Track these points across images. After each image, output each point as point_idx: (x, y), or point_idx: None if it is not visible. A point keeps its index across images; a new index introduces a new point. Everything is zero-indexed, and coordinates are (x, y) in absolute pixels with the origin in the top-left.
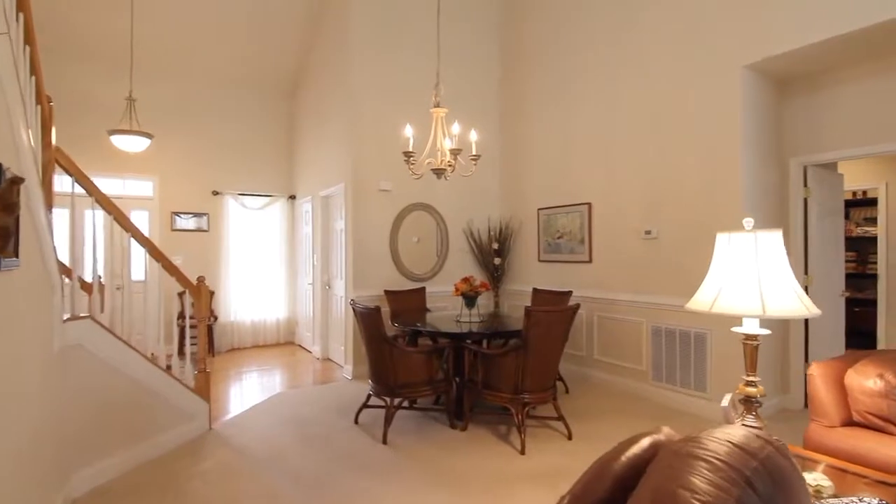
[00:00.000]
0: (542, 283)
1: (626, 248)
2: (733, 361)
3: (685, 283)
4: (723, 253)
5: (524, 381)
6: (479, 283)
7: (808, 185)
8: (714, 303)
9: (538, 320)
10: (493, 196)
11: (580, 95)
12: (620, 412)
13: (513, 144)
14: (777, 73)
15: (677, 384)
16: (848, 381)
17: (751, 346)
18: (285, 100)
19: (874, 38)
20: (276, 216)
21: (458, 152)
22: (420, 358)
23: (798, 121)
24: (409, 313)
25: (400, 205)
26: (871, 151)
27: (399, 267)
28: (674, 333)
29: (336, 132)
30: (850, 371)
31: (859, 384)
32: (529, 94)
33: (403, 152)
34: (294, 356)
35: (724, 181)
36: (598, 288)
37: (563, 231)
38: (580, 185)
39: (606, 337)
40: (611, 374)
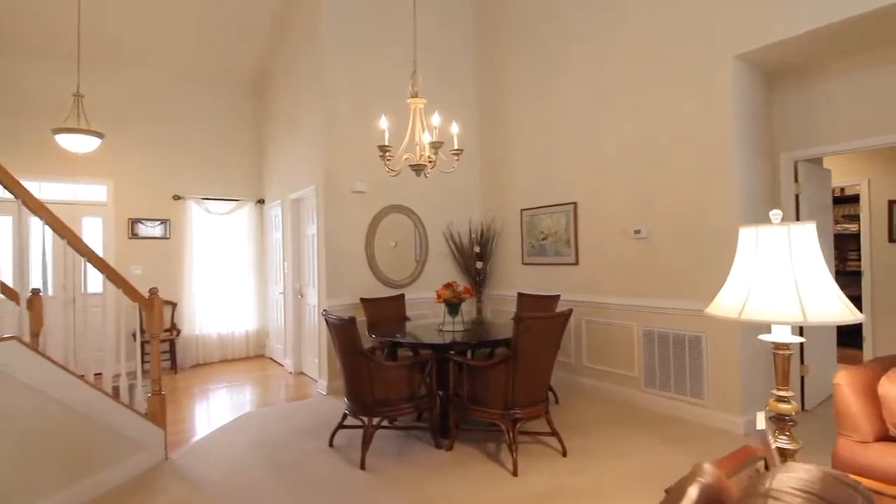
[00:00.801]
0: (527, 287)
1: (615, 248)
2: (731, 366)
3: (678, 285)
4: (748, 250)
5: (515, 395)
6: (462, 288)
7: (798, 181)
8: (743, 308)
9: (529, 328)
10: (473, 197)
11: (564, 90)
12: (615, 423)
13: (493, 142)
14: (767, 64)
15: (672, 390)
16: (882, 391)
17: (782, 357)
18: (253, 97)
19: (868, 26)
20: (244, 221)
21: (440, 146)
22: (400, 372)
23: (788, 114)
24: (387, 323)
25: (375, 207)
26: (863, 145)
27: (376, 273)
28: (667, 337)
29: (307, 131)
30: (883, 379)
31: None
32: (510, 89)
33: (379, 146)
34: (265, 371)
35: (717, 176)
36: (586, 291)
37: (547, 232)
38: (565, 183)
39: (596, 342)
40: (601, 382)
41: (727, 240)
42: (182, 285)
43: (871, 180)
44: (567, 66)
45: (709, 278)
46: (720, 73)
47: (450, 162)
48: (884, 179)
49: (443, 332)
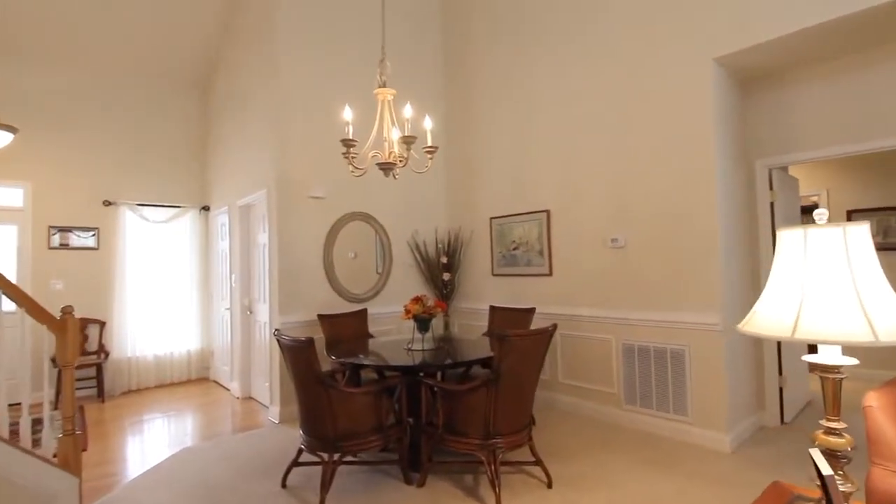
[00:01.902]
0: (498, 300)
1: (591, 258)
2: (716, 380)
3: (657, 295)
4: (794, 256)
5: (497, 422)
6: (433, 303)
7: (773, 189)
8: (796, 327)
9: (514, 347)
10: (440, 204)
11: (536, 93)
12: (597, 445)
13: (461, 147)
14: (741, 70)
15: (654, 407)
16: None
17: (832, 382)
18: (198, 93)
19: (839, 32)
20: (186, 230)
21: (412, 141)
22: (366, 400)
23: (761, 121)
24: (348, 341)
25: (335, 214)
26: (836, 152)
27: (335, 286)
28: (647, 351)
29: (258, 130)
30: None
31: None
32: (478, 91)
33: (343, 141)
34: (208, 396)
35: (697, 183)
36: (561, 303)
37: (519, 241)
38: (537, 190)
39: (572, 357)
40: (579, 399)
41: (708, 248)
42: (112, 302)
43: (830, 190)
44: (539, 68)
45: (690, 288)
46: (700, 75)
47: (422, 161)
48: (842, 189)
49: (412, 352)
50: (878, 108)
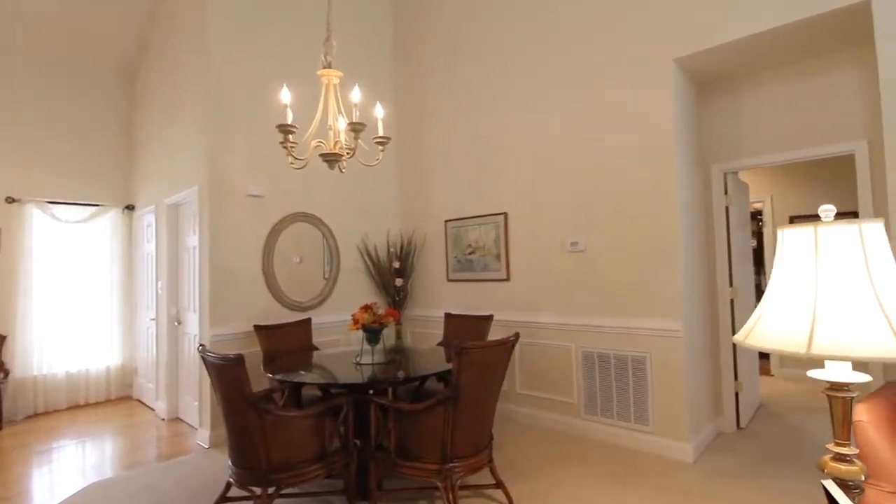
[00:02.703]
0: (454, 306)
1: (550, 262)
2: (677, 388)
3: (618, 301)
4: (803, 259)
5: (455, 444)
6: (384, 311)
7: (728, 193)
8: (811, 340)
9: (474, 360)
10: (391, 206)
11: (494, 90)
12: (558, 459)
13: (413, 145)
14: (699, 73)
15: (615, 417)
16: None
17: (842, 401)
18: (123, 81)
19: (795, 37)
20: (106, 232)
21: (361, 129)
22: (306, 424)
23: (717, 125)
24: (289, 355)
25: (276, 215)
26: (789, 157)
27: (275, 293)
28: (608, 359)
29: (189, 120)
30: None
31: None
32: (432, 87)
33: (279, 127)
34: (130, 417)
35: (658, 186)
36: (519, 309)
37: (475, 245)
38: (494, 192)
39: (531, 367)
40: (538, 410)
41: (670, 253)
42: (15, 312)
43: (774, 197)
44: (497, 64)
45: (651, 294)
46: (660, 76)
47: (372, 153)
48: (785, 196)
49: (360, 366)
50: (823, 114)
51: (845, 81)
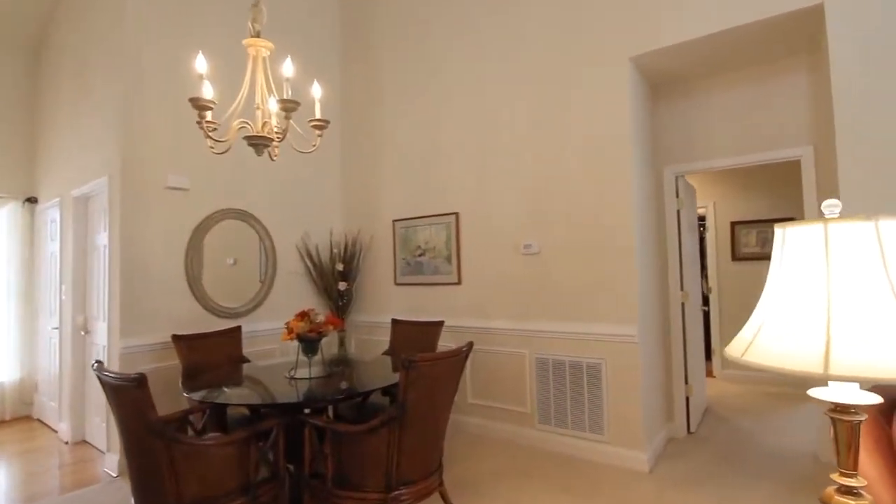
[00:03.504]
0: (402, 312)
1: (503, 265)
2: (633, 395)
3: (573, 305)
4: (813, 261)
5: (401, 469)
6: (323, 319)
7: (679, 196)
8: (828, 358)
9: (423, 374)
10: (335, 203)
11: (445, 85)
12: (512, 474)
13: (359, 140)
14: (654, 74)
15: (569, 426)
16: None
17: (849, 426)
18: (26, 58)
19: (745, 41)
20: (2, 227)
21: (294, 108)
22: (226, 452)
23: (669, 128)
24: (214, 369)
25: (202, 210)
26: (740, 162)
27: (201, 299)
28: (562, 365)
29: (102, 101)
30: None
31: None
32: (381, 79)
33: (192, 101)
34: (29, 441)
35: (614, 187)
36: (471, 315)
37: (425, 247)
38: (446, 191)
39: (482, 375)
40: (489, 420)
41: (625, 255)
42: None
43: (717, 203)
44: (450, 59)
45: (607, 298)
46: (616, 74)
47: (309, 138)
48: (727, 202)
49: (295, 381)
50: (772, 119)
51: (793, 88)
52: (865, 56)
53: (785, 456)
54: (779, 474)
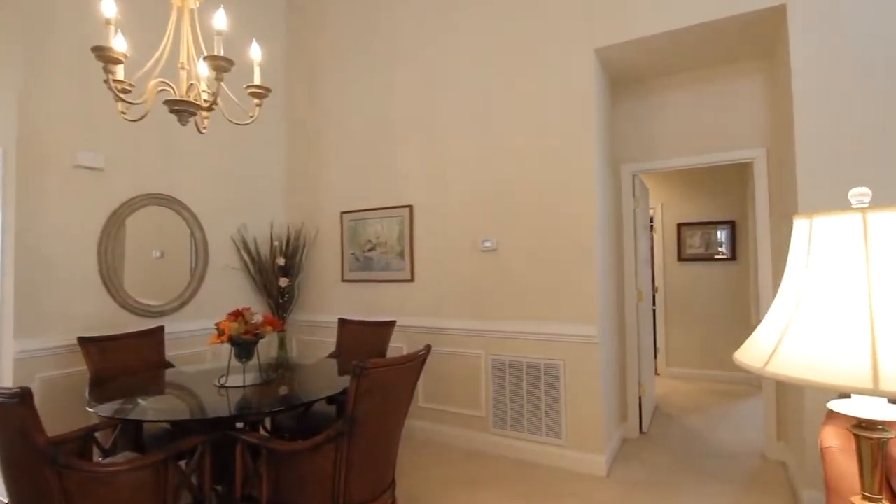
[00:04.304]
0: (350, 311)
1: (460, 262)
2: (592, 397)
3: (532, 304)
4: (849, 257)
5: (349, 490)
6: (260, 319)
7: (636, 196)
8: (877, 370)
9: (375, 383)
10: (276, 192)
11: (399, 67)
12: (466, 482)
13: (307, 123)
14: (614, 69)
15: (525, 430)
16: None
17: (874, 444)
18: None
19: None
20: None
21: (227, 68)
22: (137, 479)
23: (628, 126)
24: (129, 376)
25: (120, 194)
26: (696, 162)
27: (117, 295)
28: (519, 367)
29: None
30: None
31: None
32: (330, 59)
33: (96, 52)
34: None
35: (574, 183)
36: (425, 314)
37: (376, 241)
38: (399, 182)
39: (436, 377)
40: (441, 425)
41: (586, 254)
42: None
43: (664, 204)
44: (405, 40)
45: (566, 297)
46: (581, 65)
47: (246, 108)
48: (674, 204)
49: (226, 390)
50: (727, 121)
51: (749, 90)
52: (826, 58)
53: (734, 454)
54: (730, 474)
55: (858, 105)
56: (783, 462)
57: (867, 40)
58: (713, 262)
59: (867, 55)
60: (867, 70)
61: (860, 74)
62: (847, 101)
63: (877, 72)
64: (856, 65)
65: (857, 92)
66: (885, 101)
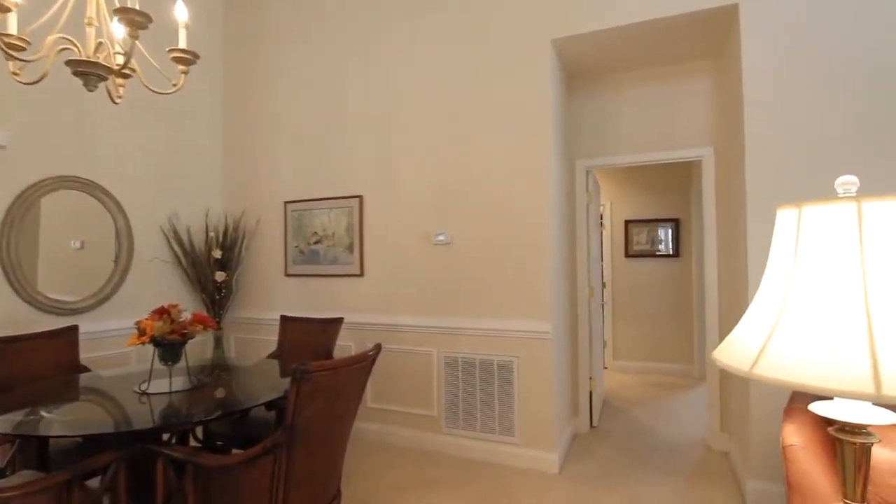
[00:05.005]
0: (294, 307)
1: (412, 256)
2: (545, 394)
3: (486, 300)
4: (842, 249)
5: None
6: (189, 317)
7: (589, 191)
8: (878, 373)
9: (318, 388)
10: (212, 179)
11: (350, 50)
12: (418, 485)
13: (245, 104)
14: (570, 61)
15: (478, 429)
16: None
17: (858, 449)
18: None
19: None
20: None
21: (143, 25)
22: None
23: (582, 120)
24: (36, 382)
25: (26, 176)
26: (648, 159)
27: (22, 291)
28: (473, 364)
29: None
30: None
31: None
32: (271, 36)
33: None
34: None
35: (530, 176)
36: (375, 310)
37: (323, 234)
38: (348, 171)
39: (385, 376)
40: (392, 426)
41: (540, 249)
42: None
43: (613, 201)
44: (354, 27)
45: (521, 293)
46: (537, 55)
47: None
48: (621, 201)
49: (148, 398)
50: (678, 119)
51: (699, 89)
52: (777, 58)
53: (680, 445)
54: (677, 465)
55: (809, 105)
56: (726, 452)
57: (818, 41)
58: (658, 258)
59: (818, 56)
60: (818, 71)
61: (811, 75)
62: (797, 102)
63: (827, 73)
64: (808, 65)
65: (807, 92)
66: (836, 102)
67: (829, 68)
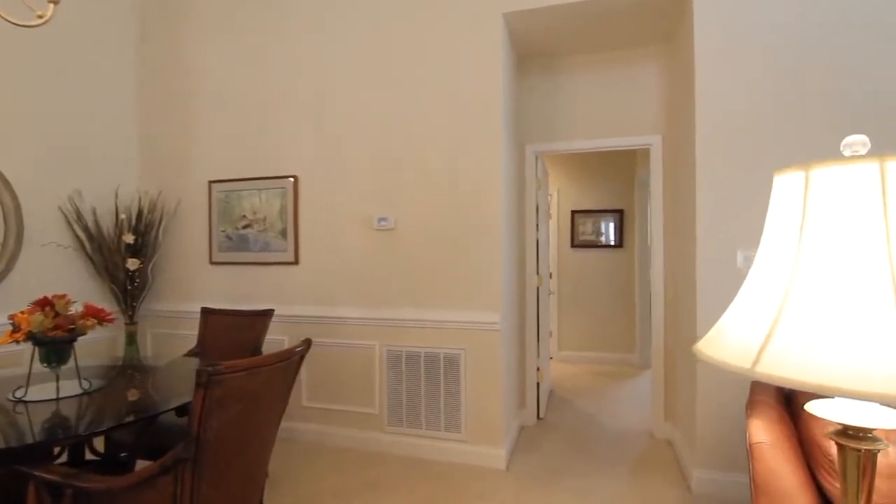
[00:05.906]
0: (219, 299)
1: (353, 242)
2: (493, 388)
3: (432, 290)
4: (863, 216)
5: None
6: (79, 311)
7: (538, 177)
8: None
9: (231, 392)
10: (124, 154)
11: (288, 20)
12: (360, 489)
13: (164, 72)
14: (521, 40)
15: (423, 426)
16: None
17: (863, 456)
18: None
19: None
20: None
21: None
22: None
23: (532, 104)
24: None
25: None
26: (598, 146)
27: None
28: (417, 358)
29: None
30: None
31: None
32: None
33: None
34: None
35: (480, 158)
36: (310, 301)
37: (253, 217)
38: (281, 148)
39: (322, 373)
40: (330, 426)
41: (490, 235)
42: None
43: (560, 190)
44: None
45: (469, 282)
46: (489, 30)
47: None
48: (568, 191)
49: (25, 406)
50: (628, 107)
51: (647, 76)
52: (729, 43)
53: (625, 435)
54: (623, 455)
55: (761, 91)
56: (670, 441)
57: (771, 26)
58: (602, 248)
59: (770, 41)
60: (770, 56)
61: (764, 60)
62: (749, 88)
63: (780, 58)
64: (762, 51)
65: (759, 78)
66: (788, 88)
67: (781, 51)
